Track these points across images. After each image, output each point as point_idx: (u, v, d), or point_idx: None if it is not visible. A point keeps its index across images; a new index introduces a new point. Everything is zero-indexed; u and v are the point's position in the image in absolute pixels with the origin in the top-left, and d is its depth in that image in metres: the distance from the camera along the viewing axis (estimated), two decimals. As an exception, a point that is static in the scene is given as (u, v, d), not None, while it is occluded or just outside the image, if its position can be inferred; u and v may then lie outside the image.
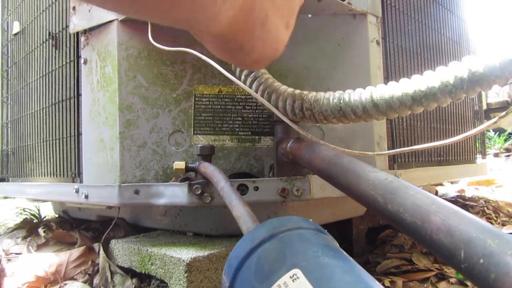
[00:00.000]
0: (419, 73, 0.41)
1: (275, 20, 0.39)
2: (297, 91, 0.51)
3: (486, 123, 0.38)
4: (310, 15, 0.67)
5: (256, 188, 0.58)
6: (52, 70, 0.87)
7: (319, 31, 0.67)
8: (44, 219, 1.30)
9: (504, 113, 0.35)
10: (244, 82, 0.55)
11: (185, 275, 0.55)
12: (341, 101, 0.45)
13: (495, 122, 0.35)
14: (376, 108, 0.42)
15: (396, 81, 0.43)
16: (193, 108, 0.65)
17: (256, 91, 0.53)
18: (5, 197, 1.66)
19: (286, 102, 0.50)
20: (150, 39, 0.59)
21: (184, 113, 0.65)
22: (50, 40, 0.86)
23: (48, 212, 1.40)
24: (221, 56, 0.43)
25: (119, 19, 0.65)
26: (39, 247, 0.93)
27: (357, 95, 0.44)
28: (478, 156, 1.21)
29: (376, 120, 0.45)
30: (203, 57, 0.56)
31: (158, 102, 0.65)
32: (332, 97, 0.47)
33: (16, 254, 0.94)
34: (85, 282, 0.74)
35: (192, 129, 0.65)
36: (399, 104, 0.40)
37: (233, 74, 0.56)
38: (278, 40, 0.42)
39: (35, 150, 0.95)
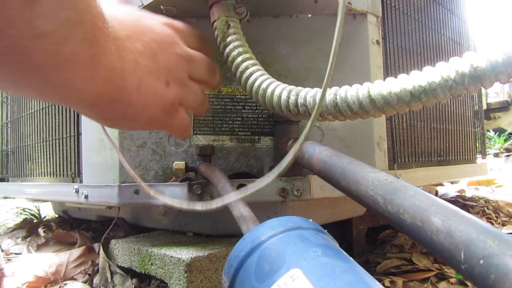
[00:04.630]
0: (419, 73, 0.41)
1: (151, 82, 0.40)
2: (292, 87, 0.49)
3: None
4: (309, 15, 0.67)
5: (256, 188, 0.58)
6: (52, 70, 0.86)
7: (318, 31, 0.67)
8: (44, 219, 1.30)
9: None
10: (239, 80, 0.54)
11: (185, 275, 0.55)
12: (337, 96, 0.44)
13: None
14: (373, 104, 0.40)
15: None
16: (193, 108, 0.65)
17: (251, 88, 0.52)
18: (5, 197, 1.66)
19: (280, 98, 0.49)
20: None
21: (184, 113, 0.65)
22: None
23: (48, 212, 1.40)
24: (110, 126, 0.43)
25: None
26: (39, 247, 0.93)
27: (354, 91, 0.42)
28: (478, 156, 1.20)
29: (373, 117, 0.44)
30: None
31: (158, 102, 0.65)
32: (328, 93, 0.45)
33: (16, 254, 0.95)
34: (85, 282, 0.74)
35: (191, 129, 0.65)
36: (397, 100, 0.38)
37: (232, 75, 0.55)
38: (160, 99, 0.42)
39: (35, 150, 0.95)
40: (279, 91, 0.48)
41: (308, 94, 0.46)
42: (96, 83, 0.32)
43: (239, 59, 0.53)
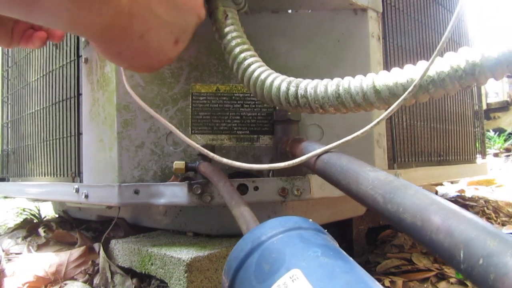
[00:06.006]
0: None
1: (160, 34, 0.41)
2: (292, 78, 0.48)
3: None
4: (309, 11, 0.67)
5: (256, 188, 0.58)
6: (52, 70, 0.87)
7: (318, 27, 0.67)
8: (44, 219, 1.30)
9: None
10: (236, 72, 0.53)
11: (185, 275, 0.55)
12: (340, 87, 0.42)
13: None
14: (378, 95, 0.39)
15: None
16: (190, 107, 0.65)
17: (249, 80, 0.51)
18: (5, 197, 1.66)
19: (280, 90, 0.47)
20: None
21: (182, 112, 0.65)
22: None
23: (48, 212, 1.40)
24: (106, 58, 0.46)
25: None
26: (39, 247, 0.93)
27: (358, 82, 0.41)
28: (478, 156, 1.20)
29: (378, 110, 0.42)
30: None
31: (155, 101, 0.64)
32: (330, 83, 0.44)
33: (16, 254, 0.94)
34: (85, 282, 0.74)
35: (189, 128, 0.65)
36: (404, 91, 0.37)
37: (230, 66, 0.55)
38: (161, 53, 0.44)
39: (35, 150, 0.95)
40: (279, 82, 0.47)
41: (309, 86, 0.45)
42: (103, 19, 0.34)
43: (237, 50, 0.52)
